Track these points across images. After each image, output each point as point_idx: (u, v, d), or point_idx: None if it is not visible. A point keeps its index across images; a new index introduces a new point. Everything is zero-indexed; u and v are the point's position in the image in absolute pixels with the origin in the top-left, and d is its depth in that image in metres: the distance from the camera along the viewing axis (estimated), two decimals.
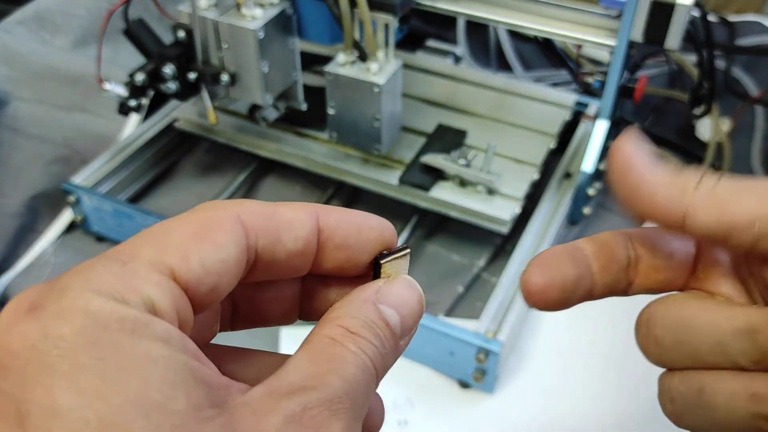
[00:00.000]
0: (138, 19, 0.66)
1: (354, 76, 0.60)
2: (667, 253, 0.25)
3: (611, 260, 0.25)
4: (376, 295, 0.21)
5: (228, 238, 0.19)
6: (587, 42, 0.65)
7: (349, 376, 0.19)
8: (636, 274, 0.25)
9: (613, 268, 0.25)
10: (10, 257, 0.69)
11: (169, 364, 0.16)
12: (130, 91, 0.64)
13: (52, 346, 0.16)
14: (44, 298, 0.17)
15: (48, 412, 0.15)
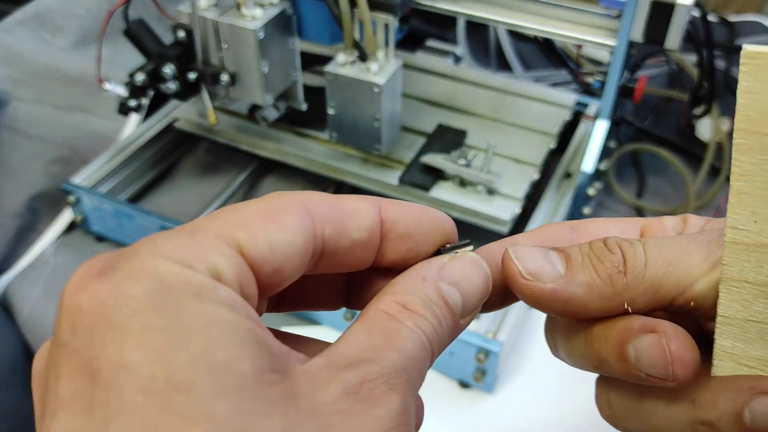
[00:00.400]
0: (138, 19, 0.66)
1: (354, 76, 0.60)
2: None
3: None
4: (439, 271, 0.21)
5: (296, 222, 0.19)
6: (587, 42, 0.65)
7: (407, 351, 0.19)
8: None
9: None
10: (10, 257, 0.69)
11: (234, 327, 0.17)
12: (130, 91, 0.64)
13: (121, 305, 0.16)
14: (115, 261, 0.17)
15: (117, 368, 0.16)
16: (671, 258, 0.21)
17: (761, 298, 0.20)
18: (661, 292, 0.21)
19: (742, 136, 0.18)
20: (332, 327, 0.62)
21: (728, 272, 0.20)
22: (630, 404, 0.23)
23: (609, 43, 0.63)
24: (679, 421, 0.21)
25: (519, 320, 0.59)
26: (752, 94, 0.18)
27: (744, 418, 0.20)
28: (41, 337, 0.64)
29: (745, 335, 0.20)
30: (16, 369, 0.66)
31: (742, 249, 0.20)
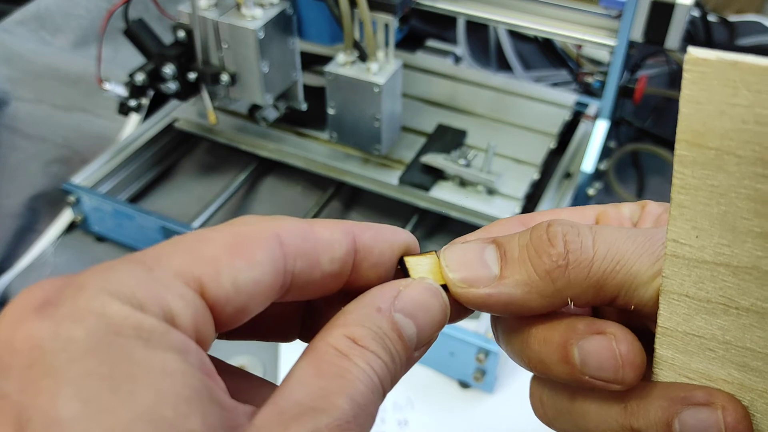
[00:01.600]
0: (138, 19, 0.66)
1: (354, 76, 0.60)
2: None
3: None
4: (393, 300, 0.19)
5: (265, 256, 0.18)
6: (587, 42, 0.65)
7: (358, 396, 0.17)
8: None
9: None
10: (10, 257, 0.69)
11: (184, 379, 0.15)
12: (130, 91, 0.64)
13: (60, 349, 0.15)
14: (58, 295, 0.16)
15: (50, 421, 0.14)
16: (619, 256, 0.20)
17: (702, 313, 0.19)
18: (604, 291, 0.20)
19: (685, 148, 0.17)
20: None
21: (668, 285, 0.19)
22: (561, 405, 0.22)
23: (609, 43, 0.63)
24: (609, 426, 0.20)
25: None
26: (696, 105, 0.17)
27: (674, 429, 0.19)
28: None
29: (686, 348, 0.20)
30: None
31: (683, 263, 0.19)
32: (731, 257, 0.18)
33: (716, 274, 0.18)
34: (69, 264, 0.69)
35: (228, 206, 0.75)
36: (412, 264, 0.22)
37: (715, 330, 0.19)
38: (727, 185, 0.17)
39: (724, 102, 0.16)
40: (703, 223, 0.18)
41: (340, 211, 0.75)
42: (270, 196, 0.77)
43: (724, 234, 0.18)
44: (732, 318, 0.19)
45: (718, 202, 0.18)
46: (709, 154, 0.17)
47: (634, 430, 0.20)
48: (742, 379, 0.19)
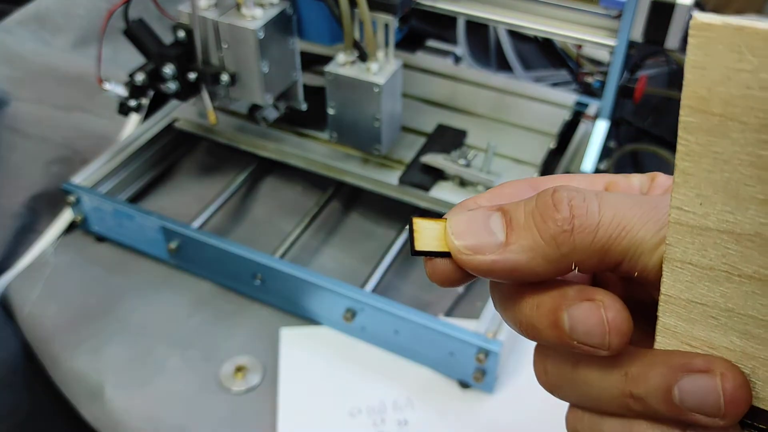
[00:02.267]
0: (138, 19, 0.66)
1: (354, 76, 0.60)
2: None
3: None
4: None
5: None
6: (587, 42, 0.65)
7: None
8: None
9: None
10: (10, 257, 0.69)
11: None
12: (130, 91, 0.64)
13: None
14: None
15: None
16: (625, 222, 0.20)
17: (705, 281, 0.19)
18: (608, 256, 0.20)
19: (689, 114, 0.17)
20: (332, 327, 0.62)
21: (672, 252, 0.19)
22: (564, 373, 0.22)
23: (609, 43, 0.64)
24: (610, 393, 0.21)
25: None
26: (701, 70, 0.17)
27: (673, 395, 0.19)
28: (41, 337, 0.64)
29: (689, 316, 0.20)
30: (15, 369, 0.66)
31: (687, 231, 0.19)
32: (734, 224, 0.18)
33: (719, 241, 0.18)
34: (69, 264, 0.69)
35: (228, 206, 0.75)
36: (418, 227, 0.22)
37: (717, 297, 0.19)
38: (731, 152, 0.17)
39: (729, 67, 0.16)
40: (707, 190, 0.18)
41: (340, 211, 0.75)
42: (270, 196, 0.77)
43: (727, 201, 0.18)
44: (734, 285, 0.19)
45: (721, 169, 0.17)
46: (713, 120, 0.17)
47: (634, 397, 0.20)
48: (744, 346, 0.19)
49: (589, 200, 0.20)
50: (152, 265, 0.69)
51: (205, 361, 0.60)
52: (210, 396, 0.58)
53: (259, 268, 0.62)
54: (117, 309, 0.65)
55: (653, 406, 0.20)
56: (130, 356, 0.61)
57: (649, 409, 0.20)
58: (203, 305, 0.65)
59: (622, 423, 0.21)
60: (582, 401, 0.22)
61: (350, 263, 0.69)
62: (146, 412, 0.57)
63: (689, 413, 0.19)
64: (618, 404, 0.20)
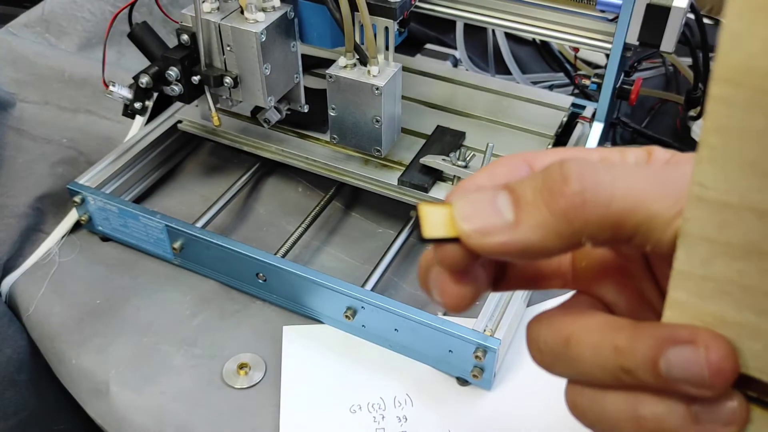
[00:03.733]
0: (142, 22, 0.67)
1: (355, 78, 0.61)
2: None
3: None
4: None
5: None
6: (584, 45, 0.66)
7: None
8: None
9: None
10: (16, 257, 0.70)
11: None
12: (134, 94, 0.65)
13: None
14: None
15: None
16: (640, 195, 0.19)
17: (722, 257, 0.19)
18: (621, 231, 0.20)
19: (721, 86, 0.17)
20: (333, 325, 0.63)
21: (689, 228, 0.19)
22: (557, 351, 0.22)
23: (605, 46, 0.65)
24: (603, 367, 0.20)
25: (517, 317, 0.61)
26: (738, 40, 0.16)
27: (660, 367, 0.19)
28: (46, 335, 0.65)
29: (701, 291, 0.19)
30: (21, 367, 0.67)
31: (707, 206, 0.18)
32: (759, 201, 0.17)
33: (741, 218, 0.18)
34: (74, 263, 0.70)
35: (231, 206, 0.76)
36: (424, 214, 0.21)
37: (733, 274, 0.19)
38: (763, 127, 0.16)
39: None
40: (733, 166, 0.17)
41: (341, 211, 0.76)
42: (272, 196, 0.78)
43: (753, 178, 0.17)
44: (753, 262, 0.18)
45: (751, 146, 0.17)
46: (746, 93, 0.16)
47: (625, 370, 0.20)
48: (758, 322, 0.19)
49: (601, 173, 0.19)
50: (156, 264, 0.70)
51: (208, 359, 0.61)
52: (213, 392, 0.59)
53: (262, 267, 0.63)
54: (122, 308, 0.66)
55: (642, 377, 0.20)
56: (134, 354, 0.62)
57: (639, 381, 0.20)
58: (207, 304, 0.66)
59: (625, 398, 0.21)
60: (577, 376, 0.22)
61: (351, 262, 0.70)
62: (151, 408, 0.58)
63: (677, 384, 0.19)
64: (611, 378, 0.20)
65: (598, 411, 0.21)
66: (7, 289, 0.68)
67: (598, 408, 0.21)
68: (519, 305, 0.60)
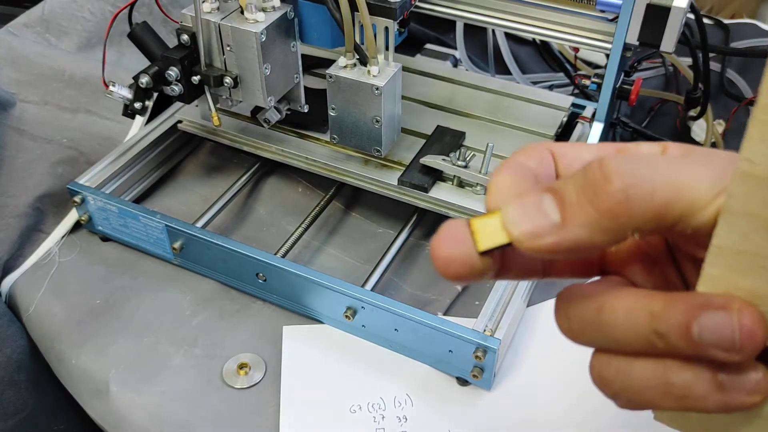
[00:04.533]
0: (142, 22, 0.67)
1: (355, 78, 0.61)
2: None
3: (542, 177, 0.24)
4: None
5: None
6: (584, 45, 0.66)
7: None
8: None
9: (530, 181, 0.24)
10: (16, 257, 0.70)
11: None
12: (134, 94, 0.65)
13: None
14: None
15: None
16: (680, 182, 0.20)
17: (762, 231, 0.19)
18: (665, 220, 0.20)
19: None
20: (333, 325, 0.63)
21: (732, 204, 0.19)
22: (588, 317, 0.23)
23: (605, 46, 0.65)
24: (636, 332, 0.21)
25: (517, 317, 0.61)
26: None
27: (692, 331, 0.20)
28: (46, 335, 0.65)
29: (737, 266, 0.20)
30: (21, 367, 0.67)
31: (753, 182, 0.19)
32: None
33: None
34: (74, 263, 0.70)
35: (231, 206, 0.76)
36: (477, 227, 0.22)
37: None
38: None
39: None
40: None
41: (341, 211, 0.76)
42: (272, 197, 0.78)
43: None
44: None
45: None
46: None
47: (658, 334, 0.21)
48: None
49: (641, 167, 0.20)
50: (156, 264, 0.70)
51: (208, 359, 0.61)
52: (213, 392, 0.59)
53: (262, 267, 0.63)
54: (122, 307, 0.66)
55: (674, 342, 0.20)
56: (134, 354, 0.62)
57: (671, 346, 0.20)
58: (207, 304, 0.66)
59: (653, 365, 0.21)
60: (606, 343, 0.22)
61: (351, 262, 0.70)
62: (150, 408, 0.58)
63: (708, 348, 0.20)
64: (643, 343, 0.21)
65: (624, 379, 0.22)
66: (7, 289, 0.68)
67: (625, 376, 0.22)
68: (519, 305, 0.60)
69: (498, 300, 0.59)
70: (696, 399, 0.21)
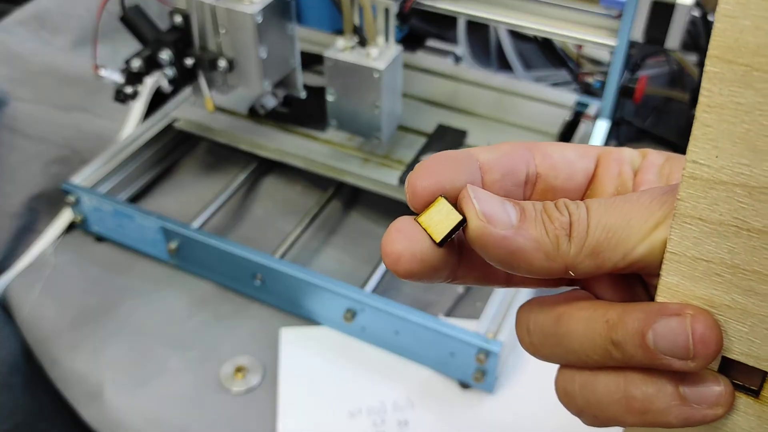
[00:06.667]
0: (134, 5, 0.66)
1: (354, 61, 0.59)
2: (567, 175, 0.25)
3: (509, 172, 0.24)
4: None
5: None
6: (588, 42, 0.65)
7: None
8: (532, 193, 0.25)
9: (508, 181, 0.24)
10: (9, 257, 0.69)
11: None
12: (126, 78, 0.64)
13: None
14: None
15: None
16: (610, 224, 0.21)
17: (713, 236, 0.19)
18: (600, 258, 0.21)
19: (715, 64, 0.18)
20: (332, 327, 0.62)
21: (683, 208, 0.20)
22: (547, 329, 0.23)
23: (609, 43, 0.63)
24: (593, 341, 0.21)
25: None
26: (731, 19, 0.17)
27: (647, 339, 0.20)
28: (40, 337, 0.64)
29: (693, 273, 0.20)
30: (15, 369, 0.66)
31: (700, 185, 0.19)
32: (749, 177, 0.18)
33: (732, 195, 0.19)
34: (69, 264, 0.69)
35: (228, 206, 0.75)
36: (426, 222, 0.23)
37: (724, 253, 0.20)
38: (753, 102, 0.17)
39: (760, 16, 0.17)
40: (725, 142, 0.18)
41: (340, 211, 0.75)
42: (270, 196, 0.77)
43: (744, 153, 0.18)
44: (743, 240, 0.19)
45: (742, 120, 0.18)
46: (738, 70, 0.17)
47: (614, 343, 0.21)
48: (745, 304, 0.20)
49: (580, 209, 0.22)
50: (152, 265, 0.69)
51: (205, 362, 0.60)
52: (210, 396, 0.58)
53: (259, 269, 0.62)
54: (117, 309, 0.65)
55: (631, 351, 0.20)
56: (130, 357, 0.61)
57: (628, 355, 0.21)
58: (203, 305, 0.65)
59: (615, 379, 0.21)
60: (566, 356, 0.22)
61: (350, 263, 0.69)
62: (146, 412, 0.57)
63: (663, 357, 0.20)
64: (601, 353, 0.21)
65: (588, 394, 0.22)
66: (1, 290, 0.67)
67: (589, 391, 0.22)
68: None
69: (500, 301, 0.58)
70: (658, 413, 0.21)
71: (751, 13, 0.17)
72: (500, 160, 0.24)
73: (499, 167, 0.24)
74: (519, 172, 0.24)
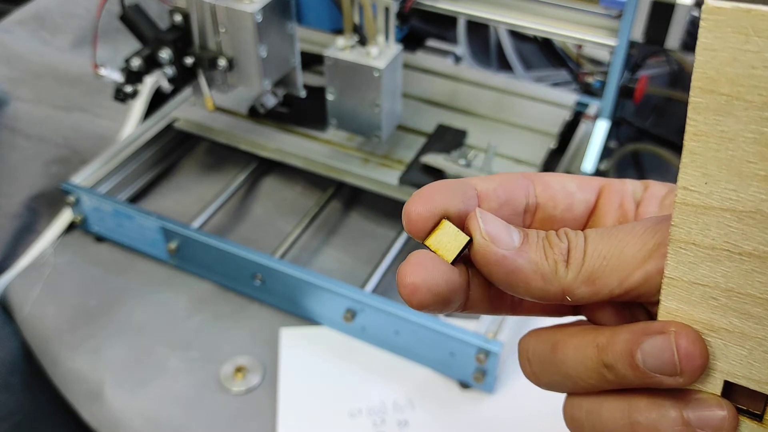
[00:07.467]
0: (134, 4, 0.66)
1: (354, 60, 0.59)
2: (567, 206, 0.26)
3: (507, 201, 0.25)
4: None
5: None
6: (588, 42, 0.65)
7: None
8: (532, 222, 0.26)
9: (506, 210, 0.25)
10: (9, 257, 0.69)
11: None
12: (126, 77, 0.63)
13: None
14: None
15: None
16: (605, 252, 0.22)
17: (707, 261, 0.20)
18: (597, 285, 0.22)
19: (698, 94, 0.18)
20: (332, 327, 0.62)
21: (677, 233, 0.20)
22: (545, 356, 0.23)
23: (609, 43, 0.63)
24: (586, 367, 0.22)
25: (519, 320, 0.59)
26: (711, 52, 0.18)
27: (636, 358, 0.21)
28: (40, 337, 0.64)
29: (690, 298, 0.21)
30: (15, 370, 0.66)
31: (691, 210, 0.20)
32: (736, 202, 0.19)
33: (722, 219, 0.19)
34: (69, 264, 0.69)
35: (228, 206, 0.75)
36: (434, 246, 0.23)
37: (718, 277, 0.20)
38: (736, 130, 0.18)
39: (737, 48, 0.17)
40: (712, 169, 0.19)
41: (340, 211, 0.75)
42: (270, 196, 0.77)
43: (730, 178, 0.19)
44: (735, 264, 0.20)
45: (726, 147, 0.18)
46: (720, 99, 0.18)
47: (605, 365, 0.22)
48: (742, 327, 0.20)
49: (579, 237, 0.23)
50: (152, 265, 0.69)
51: (204, 362, 0.60)
52: (210, 396, 0.58)
53: (259, 269, 0.62)
54: (117, 309, 0.65)
55: (622, 372, 0.21)
56: (129, 357, 0.61)
57: (620, 376, 0.21)
58: (203, 305, 0.65)
59: (620, 404, 0.22)
60: (564, 382, 0.23)
61: (350, 263, 0.69)
62: (146, 412, 0.57)
63: (654, 375, 0.21)
64: (596, 377, 0.22)
65: (594, 421, 0.23)
66: (1, 290, 0.67)
67: (595, 418, 0.23)
68: None
69: None
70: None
71: (728, 45, 0.17)
72: (497, 189, 0.25)
73: (496, 196, 0.25)
74: (517, 202, 0.25)
